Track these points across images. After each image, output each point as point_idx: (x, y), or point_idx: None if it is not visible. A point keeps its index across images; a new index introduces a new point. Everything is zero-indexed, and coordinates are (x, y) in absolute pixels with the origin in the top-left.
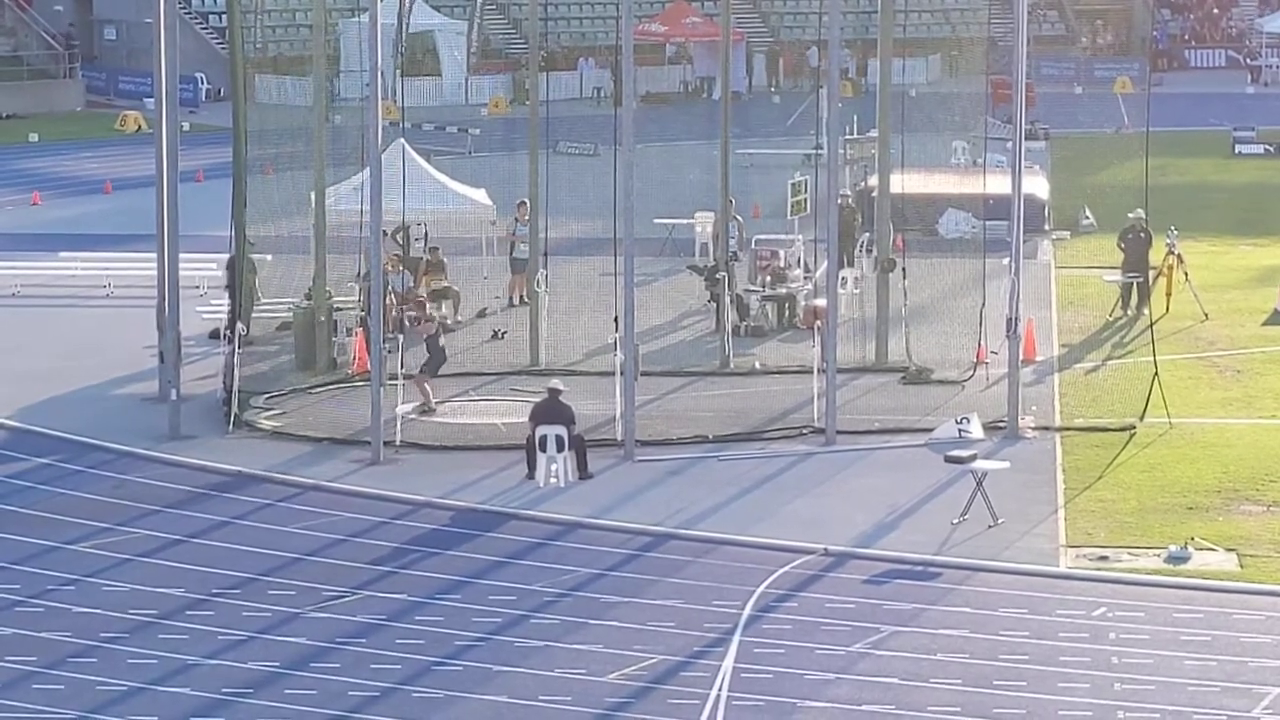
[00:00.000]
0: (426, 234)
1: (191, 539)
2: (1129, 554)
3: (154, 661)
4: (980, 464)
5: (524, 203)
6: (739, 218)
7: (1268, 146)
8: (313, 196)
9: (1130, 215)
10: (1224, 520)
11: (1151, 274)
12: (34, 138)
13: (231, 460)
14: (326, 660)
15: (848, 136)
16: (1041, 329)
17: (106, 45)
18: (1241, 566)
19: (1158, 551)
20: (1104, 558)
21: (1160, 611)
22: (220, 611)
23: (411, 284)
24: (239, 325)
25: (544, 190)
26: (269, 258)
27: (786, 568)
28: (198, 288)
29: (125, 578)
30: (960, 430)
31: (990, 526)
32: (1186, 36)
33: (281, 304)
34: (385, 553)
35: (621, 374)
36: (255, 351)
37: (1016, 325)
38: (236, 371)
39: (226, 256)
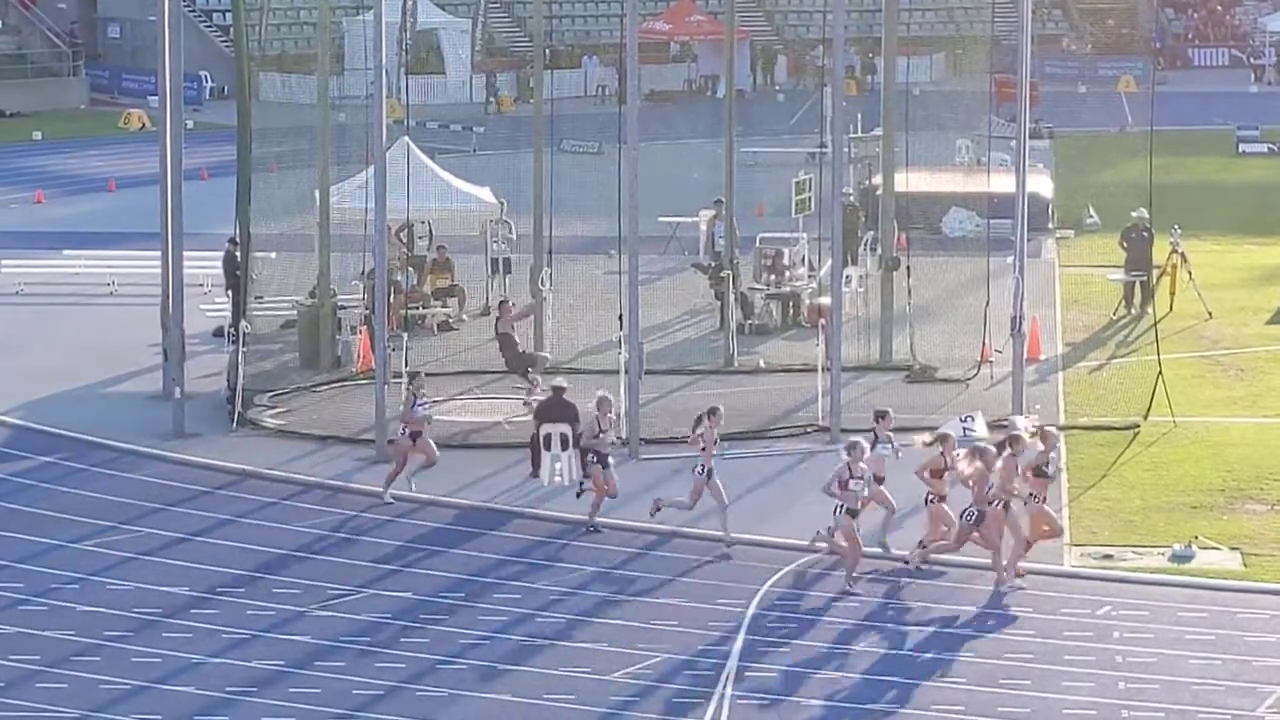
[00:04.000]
0: (431, 232)
1: (195, 537)
2: (1133, 553)
3: (158, 660)
4: None
5: (502, 203)
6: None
7: (1271, 145)
8: (317, 194)
9: (1133, 214)
10: (1228, 519)
11: (1155, 272)
12: (38, 136)
13: (236, 458)
14: (331, 659)
15: (852, 135)
16: (1045, 328)
17: (110, 43)
18: (1245, 565)
19: (1162, 550)
20: (1108, 556)
21: (1165, 610)
22: (224, 610)
23: (415, 282)
24: (243, 323)
25: (548, 188)
26: (273, 255)
27: (791, 566)
28: (201, 285)
29: (129, 576)
30: (965, 429)
31: None
32: (1190, 35)
33: (285, 302)
34: (389, 551)
35: (626, 372)
36: (259, 349)
37: (1021, 324)
38: (241, 369)
39: (223, 253)
